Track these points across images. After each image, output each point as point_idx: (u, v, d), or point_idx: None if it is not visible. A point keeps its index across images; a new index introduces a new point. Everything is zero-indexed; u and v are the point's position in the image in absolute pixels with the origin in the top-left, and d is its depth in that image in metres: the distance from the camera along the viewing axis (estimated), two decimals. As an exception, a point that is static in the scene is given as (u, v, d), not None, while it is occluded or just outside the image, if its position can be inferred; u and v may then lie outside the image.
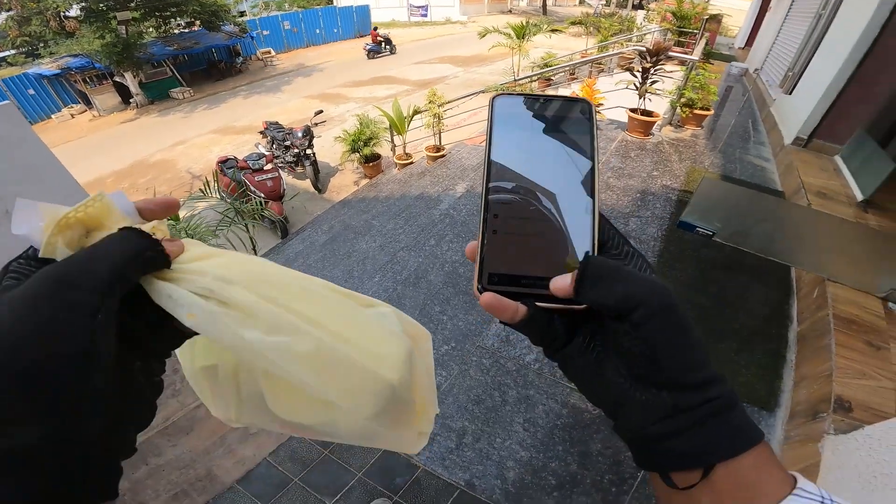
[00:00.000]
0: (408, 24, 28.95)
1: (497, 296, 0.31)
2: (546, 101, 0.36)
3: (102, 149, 11.21)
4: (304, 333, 0.29)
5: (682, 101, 5.32)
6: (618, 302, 0.28)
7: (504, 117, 0.36)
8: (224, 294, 0.28)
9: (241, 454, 2.21)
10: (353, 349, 0.31)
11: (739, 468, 0.26)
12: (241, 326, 0.28)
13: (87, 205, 0.28)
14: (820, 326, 2.32)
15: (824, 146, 4.57)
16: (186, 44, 16.14)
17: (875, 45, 4.05)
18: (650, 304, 0.27)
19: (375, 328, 0.34)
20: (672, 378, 0.27)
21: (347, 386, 0.31)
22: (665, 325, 0.27)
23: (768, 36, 9.13)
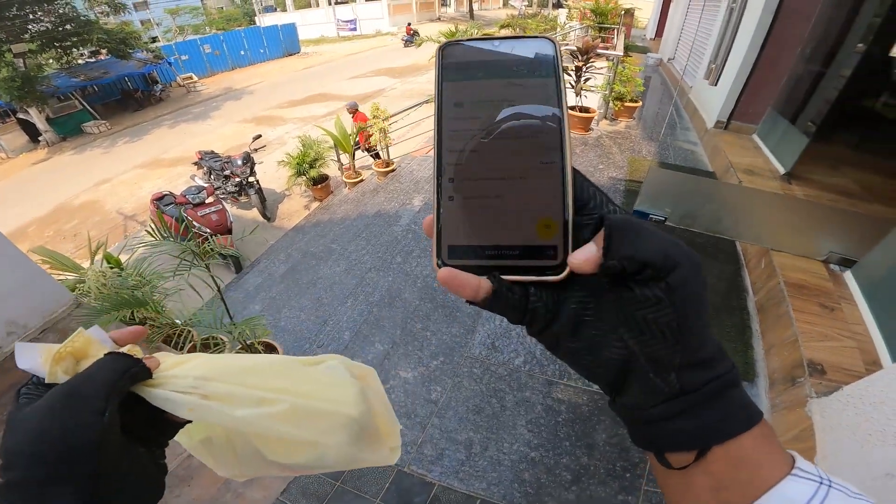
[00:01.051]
0: (338, 40, 28.64)
1: (454, 270, 0.28)
2: (502, 43, 0.31)
3: (18, 194, 10.18)
4: (277, 401, 0.38)
5: (613, 96, 5.67)
6: (660, 256, 0.24)
7: (454, 67, 0.31)
8: (206, 389, 0.36)
9: (251, 497, 2.12)
10: (317, 401, 0.39)
11: (736, 449, 0.25)
12: (230, 408, 0.36)
13: (72, 341, 0.36)
14: (775, 295, 2.55)
15: (742, 127, 5.05)
16: (94, 74, 15.03)
17: (772, 28, 4.53)
18: (690, 266, 0.25)
19: (328, 380, 0.42)
20: (689, 355, 0.25)
21: (323, 428, 0.39)
22: (698, 292, 0.25)
23: (675, 26, 9.91)
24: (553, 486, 2.00)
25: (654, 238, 0.25)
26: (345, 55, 22.18)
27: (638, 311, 0.25)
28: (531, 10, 23.07)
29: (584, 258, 0.26)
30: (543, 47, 0.31)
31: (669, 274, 0.24)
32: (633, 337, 0.26)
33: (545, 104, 0.29)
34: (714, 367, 0.26)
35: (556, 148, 0.28)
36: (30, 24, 13.16)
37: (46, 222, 8.65)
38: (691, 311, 0.25)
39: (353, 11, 29.93)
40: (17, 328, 2.56)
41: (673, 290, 0.24)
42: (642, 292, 0.25)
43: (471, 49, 0.31)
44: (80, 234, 7.77)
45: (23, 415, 0.31)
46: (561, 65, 0.31)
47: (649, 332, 0.25)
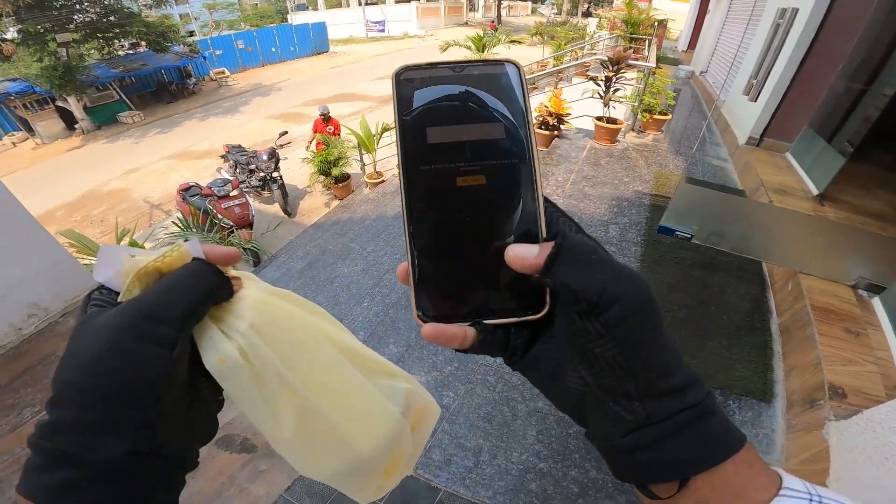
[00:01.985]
0: (366, 40, 29.00)
1: (439, 326, 0.27)
2: (462, 68, 0.29)
3: (49, 179, 10.56)
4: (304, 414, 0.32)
5: (642, 107, 5.59)
6: (595, 292, 0.24)
7: (413, 99, 0.28)
8: (251, 344, 0.30)
9: (254, 493, 2.12)
10: (342, 419, 0.33)
11: (720, 475, 0.24)
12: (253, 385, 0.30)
13: (165, 255, 0.29)
14: (800, 317, 2.47)
15: (775, 144, 4.91)
16: (133, 66, 15.51)
17: (813, 45, 4.40)
18: (630, 301, 0.24)
19: (373, 404, 0.35)
20: (645, 385, 0.25)
21: (324, 448, 0.33)
22: (644, 326, 0.25)
23: (710, 39, 9.73)
24: (560, 497, 1.96)
25: (597, 270, 0.25)
26: (372, 56, 22.44)
27: (586, 343, 0.25)
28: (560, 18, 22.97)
29: (518, 256, 0.26)
30: (509, 71, 0.29)
31: (605, 311, 0.24)
32: (585, 368, 0.26)
33: (514, 134, 0.28)
34: (685, 396, 0.25)
35: (528, 187, 0.28)
36: (75, 14, 13.63)
37: (75, 207, 8.95)
38: (636, 345, 0.24)
39: (383, 13, 30.27)
40: (39, 311, 2.61)
41: (611, 326, 0.24)
42: (584, 325, 0.25)
43: (431, 77, 0.28)
44: (106, 220, 8.02)
45: (86, 335, 0.26)
46: (527, 89, 0.29)
47: (597, 365, 0.25)
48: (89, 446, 0.25)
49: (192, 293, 0.28)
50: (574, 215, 3.94)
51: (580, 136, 5.71)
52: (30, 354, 2.50)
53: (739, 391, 2.28)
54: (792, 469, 1.44)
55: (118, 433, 0.25)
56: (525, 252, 0.26)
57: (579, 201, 4.14)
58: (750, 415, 2.21)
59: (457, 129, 0.28)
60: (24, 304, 2.53)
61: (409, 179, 0.28)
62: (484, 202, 0.28)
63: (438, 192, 0.28)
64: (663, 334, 0.25)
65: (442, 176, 0.28)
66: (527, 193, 0.28)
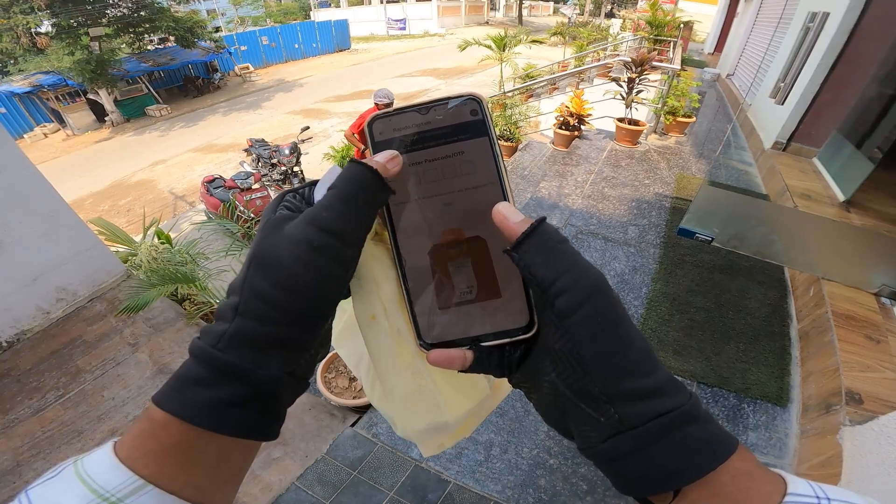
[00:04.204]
0: (386, 38, 29.15)
1: (443, 351, 0.29)
2: (427, 110, 0.31)
3: (79, 169, 10.91)
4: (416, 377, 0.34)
5: (665, 110, 5.52)
6: (549, 279, 0.25)
7: (388, 145, 0.31)
8: (391, 313, 0.33)
9: (267, 480, 2.18)
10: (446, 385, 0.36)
11: (716, 486, 0.23)
12: (389, 342, 0.33)
13: None
14: (820, 323, 2.43)
15: (802, 149, 4.80)
16: (162, 60, 15.91)
17: (845, 49, 4.29)
18: (580, 291, 0.25)
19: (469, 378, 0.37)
20: (607, 385, 0.24)
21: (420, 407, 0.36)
22: (596, 318, 0.24)
23: (737, 42, 9.53)
24: (568, 494, 1.97)
25: (557, 258, 0.26)
26: (392, 53, 22.58)
27: (550, 343, 0.26)
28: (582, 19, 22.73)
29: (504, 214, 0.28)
30: (472, 107, 0.31)
31: (556, 299, 0.25)
32: (554, 370, 0.26)
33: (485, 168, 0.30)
34: (659, 400, 0.24)
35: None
36: (108, 8, 14.03)
37: (103, 196, 9.23)
38: (587, 338, 0.24)
39: (404, 11, 30.40)
40: (67, 295, 2.69)
41: (561, 315, 0.25)
42: (544, 318, 0.27)
43: (401, 123, 0.31)
44: (132, 209, 8.26)
45: (280, 243, 0.27)
46: (490, 122, 0.31)
47: (561, 363, 0.26)
48: (258, 362, 0.25)
49: (365, 208, 0.29)
50: (593, 216, 3.96)
51: (601, 138, 5.66)
52: (57, 338, 2.59)
53: (755, 395, 2.26)
54: (803, 473, 1.44)
55: (286, 352, 0.27)
56: (510, 214, 0.28)
57: (598, 202, 4.12)
58: (764, 418, 2.18)
59: (434, 167, 0.31)
60: (52, 288, 2.62)
61: (395, 225, 0.30)
62: (466, 228, 0.30)
63: (422, 227, 0.30)
64: (624, 332, 0.25)
65: (426, 217, 0.30)
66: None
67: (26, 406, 2.25)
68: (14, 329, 2.46)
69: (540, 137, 6.02)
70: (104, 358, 2.50)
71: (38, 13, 12.40)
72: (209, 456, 0.25)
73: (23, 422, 2.19)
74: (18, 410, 2.22)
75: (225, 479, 0.27)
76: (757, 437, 2.12)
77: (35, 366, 2.42)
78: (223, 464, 0.26)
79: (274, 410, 0.27)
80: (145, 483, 0.23)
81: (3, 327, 2.42)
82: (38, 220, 2.47)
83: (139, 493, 0.23)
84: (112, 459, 0.23)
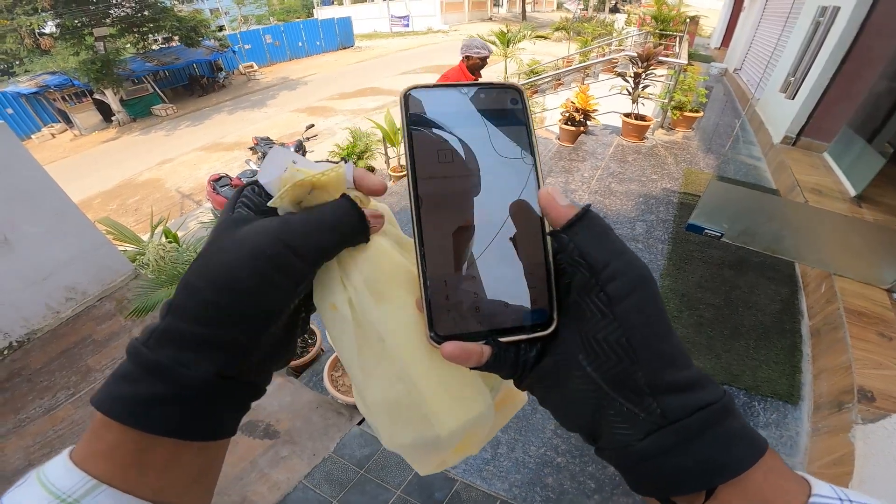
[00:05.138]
0: (390, 35, 29.13)
1: (461, 345, 0.27)
2: (468, 90, 0.30)
3: (87, 169, 11.01)
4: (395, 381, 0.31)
5: (672, 105, 5.47)
6: (602, 261, 0.25)
7: (424, 120, 0.29)
8: (361, 301, 0.30)
9: (275, 479, 2.19)
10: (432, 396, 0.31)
11: (749, 483, 0.22)
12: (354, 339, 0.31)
13: (324, 173, 0.29)
14: (832, 320, 2.40)
15: (812, 144, 4.74)
16: (166, 59, 16.01)
17: (855, 43, 4.23)
18: (633, 277, 0.24)
19: (469, 387, 0.33)
20: (653, 375, 0.23)
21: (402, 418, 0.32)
22: (646, 305, 0.24)
23: (744, 36, 9.43)
24: (575, 493, 1.96)
25: (608, 243, 0.25)
26: (396, 51, 22.55)
27: (589, 332, 0.25)
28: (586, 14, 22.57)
29: (553, 197, 0.27)
30: (513, 96, 0.30)
31: (608, 283, 0.24)
32: (591, 362, 0.25)
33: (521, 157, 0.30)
34: (699, 393, 0.23)
35: (535, 208, 0.29)
36: (112, 8, 14.11)
37: (112, 196, 9.31)
38: (639, 325, 0.24)
39: (407, 8, 30.34)
40: (76, 294, 2.71)
41: (612, 300, 0.24)
42: (587, 305, 0.25)
43: (439, 99, 0.30)
44: (140, 209, 8.32)
45: (227, 244, 0.27)
46: (530, 114, 0.31)
47: (602, 353, 0.24)
48: (184, 362, 0.25)
49: (334, 235, 0.28)
50: (600, 212, 3.87)
51: (607, 133, 5.62)
52: (66, 337, 2.61)
53: (765, 392, 2.23)
54: (815, 472, 1.42)
55: (219, 354, 0.26)
56: (559, 197, 0.27)
57: (605, 198, 4.09)
58: (775, 416, 2.15)
59: (469, 149, 0.29)
60: (62, 288, 2.64)
61: (420, 202, 0.28)
62: (495, 225, 0.29)
63: (448, 208, 0.28)
64: (667, 322, 0.24)
65: (453, 202, 0.29)
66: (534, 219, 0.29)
67: (37, 405, 2.27)
68: (24, 328, 2.48)
69: (545, 133, 5.98)
70: (114, 357, 2.51)
71: (41, 14, 12.47)
72: (156, 456, 0.25)
73: (34, 421, 2.20)
74: (30, 409, 2.24)
75: (187, 481, 0.27)
76: (767, 435, 2.09)
77: (45, 365, 2.43)
78: (175, 465, 0.26)
79: (205, 412, 0.26)
80: (98, 483, 0.23)
81: (13, 326, 2.44)
82: (47, 220, 2.49)
83: (94, 493, 0.23)
84: (66, 462, 0.24)
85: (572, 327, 0.27)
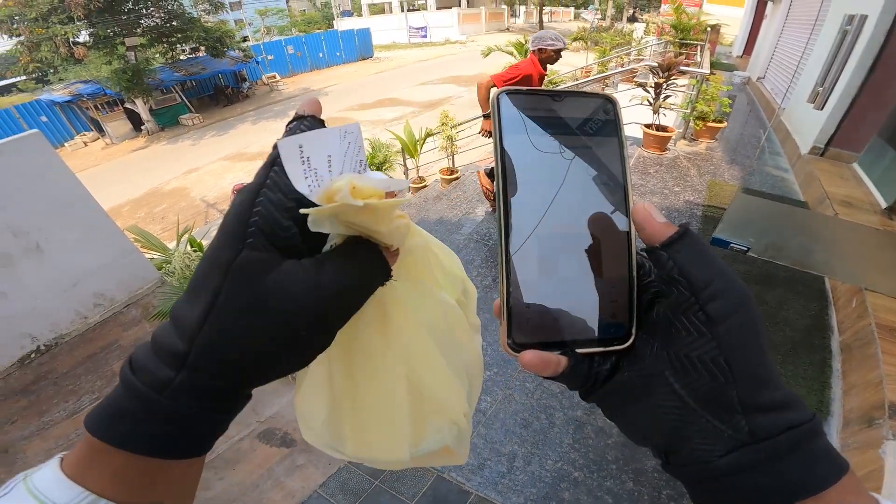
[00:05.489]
0: (408, 46, 29.50)
1: (540, 354, 0.27)
2: (562, 97, 0.30)
3: (117, 177, 11.39)
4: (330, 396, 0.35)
5: (694, 115, 5.39)
6: (704, 280, 0.24)
7: (515, 123, 0.29)
8: None
9: (290, 487, 2.19)
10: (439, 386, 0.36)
11: (828, 500, 0.22)
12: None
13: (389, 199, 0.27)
14: (863, 335, 2.33)
15: (841, 154, 4.61)
16: (193, 69, 16.48)
17: (883, 50, 4.12)
18: (735, 298, 0.24)
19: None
20: (748, 394, 0.23)
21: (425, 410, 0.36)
22: (747, 327, 0.24)
23: (767, 44, 9.27)
24: (594, 509, 1.92)
25: (709, 261, 0.25)
26: (414, 61, 22.81)
27: (681, 350, 0.24)
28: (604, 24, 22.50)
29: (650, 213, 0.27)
30: (606, 107, 0.30)
31: (709, 303, 0.24)
32: (679, 379, 0.25)
33: (611, 169, 0.29)
34: (790, 413, 0.23)
35: (622, 222, 0.28)
36: (142, 18, 14.62)
37: (140, 204, 9.59)
38: (739, 345, 0.23)
39: (425, 19, 30.73)
40: (105, 301, 2.77)
41: (713, 320, 0.23)
42: (684, 323, 0.24)
43: (533, 104, 0.29)
44: (167, 217, 8.55)
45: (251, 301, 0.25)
46: (622, 126, 0.30)
47: (695, 371, 0.24)
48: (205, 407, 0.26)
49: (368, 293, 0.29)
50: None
51: (627, 144, 5.52)
52: (94, 342, 2.67)
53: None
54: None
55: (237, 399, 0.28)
56: (655, 214, 0.27)
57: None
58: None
59: (558, 158, 0.29)
60: (91, 294, 2.71)
61: (509, 207, 0.28)
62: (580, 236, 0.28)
63: (535, 215, 0.28)
64: (766, 343, 0.24)
65: (540, 208, 0.28)
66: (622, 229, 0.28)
67: (62, 409, 2.32)
68: (53, 333, 2.55)
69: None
70: (138, 362, 2.57)
71: (75, 23, 12.94)
72: (171, 475, 0.26)
73: (57, 424, 2.25)
74: (54, 413, 2.28)
75: (191, 485, 0.28)
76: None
77: (72, 369, 2.49)
78: (187, 477, 0.27)
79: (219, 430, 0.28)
80: (98, 498, 0.24)
81: (42, 331, 2.50)
82: (78, 228, 2.56)
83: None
84: (58, 475, 0.24)
85: (657, 344, 0.26)
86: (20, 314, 2.38)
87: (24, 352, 2.44)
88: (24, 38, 13.21)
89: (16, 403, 2.28)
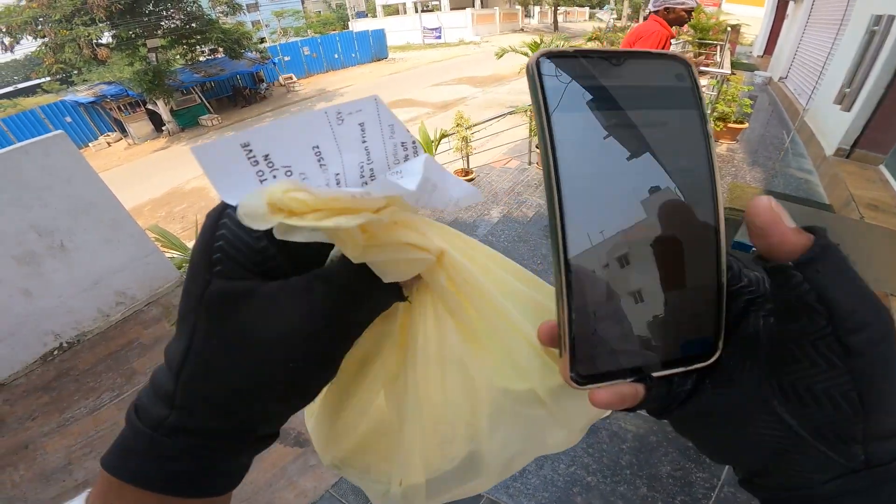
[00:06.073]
0: (422, 47, 29.54)
1: (615, 391, 0.23)
2: (621, 60, 0.22)
3: (139, 177, 11.61)
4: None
5: (715, 116, 5.29)
6: (848, 310, 0.19)
7: (565, 96, 0.21)
8: None
9: (303, 486, 2.20)
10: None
11: None
12: None
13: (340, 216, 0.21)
14: (892, 346, 2.25)
15: (867, 156, 4.48)
16: (212, 71, 16.71)
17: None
18: (880, 328, 0.20)
19: None
20: (875, 426, 0.21)
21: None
22: (888, 359, 0.20)
23: (789, 44, 9.06)
24: (607, 515, 1.90)
25: (853, 288, 0.20)
26: (429, 62, 22.79)
27: (800, 380, 0.21)
28: (620, 24, 22.23)
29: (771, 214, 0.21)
30: (678, 71, 0.23)
31: (851, 335, 0.19)
32: (791, 409, 0.21)
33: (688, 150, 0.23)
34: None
35: (708, 215, 0.23)
36: (163, 20, 14.88)
37: (161, 203, 9.77)
38: (878, 381, 0.20)
39: (439, 19, 30.72)
40: (126, 299, 2.83)
41: (853, 354, 0.20)
42: (806, 352, 0.20)
43: (585, 70, 0.22)
44: (186, 216, 8.69)
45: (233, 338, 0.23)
46: (700, 95, 0.23)
47: (814, 403, 0.21)
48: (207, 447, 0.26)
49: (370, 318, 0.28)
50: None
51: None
52: (115, 340, 2.72)
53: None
54: None
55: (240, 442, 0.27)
56: (784, 216, 0.21)
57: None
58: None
59: (619, 134, 0.22)
60: (112, 292, 2.76)
61: (564, 210, 0.21)
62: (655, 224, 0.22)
63: (598, 217, 0.22)
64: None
65: (603, 197, 0.22)
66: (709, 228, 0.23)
67: (82, 406, 2.35)
68: (75, 330, 2.60)
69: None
70: (158, 361, 2.61)
71: (98, 25, 13.18)
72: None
73: (78, 421, 2.28)
74: (75, 409, 2.32)
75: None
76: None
77: (93, 366, 2.54)
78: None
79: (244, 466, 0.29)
80: None
81: (64, 328, 2.56)
82: (102, 228, 2.62)
83: None
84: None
85: (755, 366, 0.23)
86: (44, 312, 2.44)
87: (46, 349, 2.50)
88: (48, 40, 13.45)
89: (37, 399, 2.33)
